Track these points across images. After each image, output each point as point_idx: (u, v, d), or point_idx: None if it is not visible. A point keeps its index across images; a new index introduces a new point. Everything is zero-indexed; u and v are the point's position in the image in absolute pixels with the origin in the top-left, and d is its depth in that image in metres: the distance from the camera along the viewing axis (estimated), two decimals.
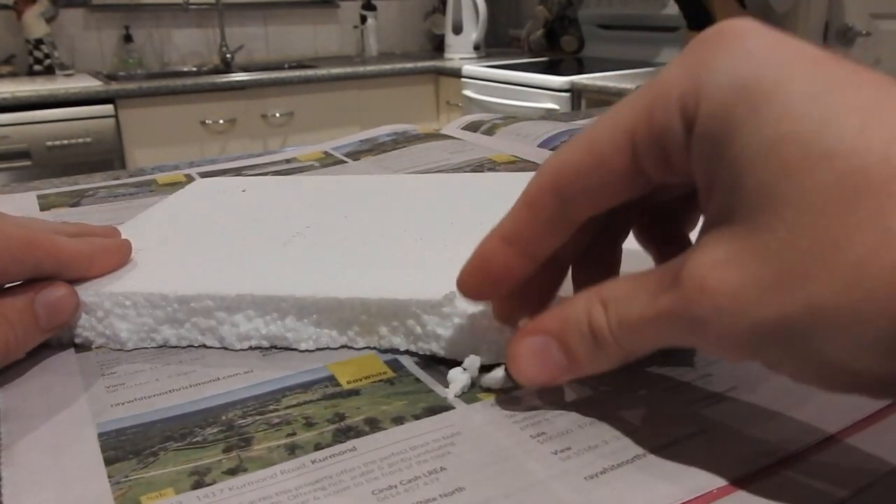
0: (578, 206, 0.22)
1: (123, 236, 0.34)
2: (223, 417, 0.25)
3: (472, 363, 0.26)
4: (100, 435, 0.24)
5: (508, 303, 0.26)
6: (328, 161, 0.61)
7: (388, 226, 0.36)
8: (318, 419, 0.24)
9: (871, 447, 0.22)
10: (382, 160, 0.60)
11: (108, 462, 0.22)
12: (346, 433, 0.24)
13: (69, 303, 0.29)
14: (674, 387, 0.26)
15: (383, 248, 0.33)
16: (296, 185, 0.47)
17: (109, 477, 0.22)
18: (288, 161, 0.62)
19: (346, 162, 0.61)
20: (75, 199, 0.52)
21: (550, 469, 0.22)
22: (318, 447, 0.23)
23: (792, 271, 0.17)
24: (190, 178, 0.57)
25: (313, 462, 0.22)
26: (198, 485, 0.21)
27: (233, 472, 0.22)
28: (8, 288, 0.28)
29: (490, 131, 0.68)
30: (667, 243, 0.26)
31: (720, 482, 0.21)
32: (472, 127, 0.71)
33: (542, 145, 0.62)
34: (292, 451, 0.23)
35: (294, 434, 0.24)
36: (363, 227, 0.36)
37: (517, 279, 0.24)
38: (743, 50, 0.19)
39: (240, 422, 0.24)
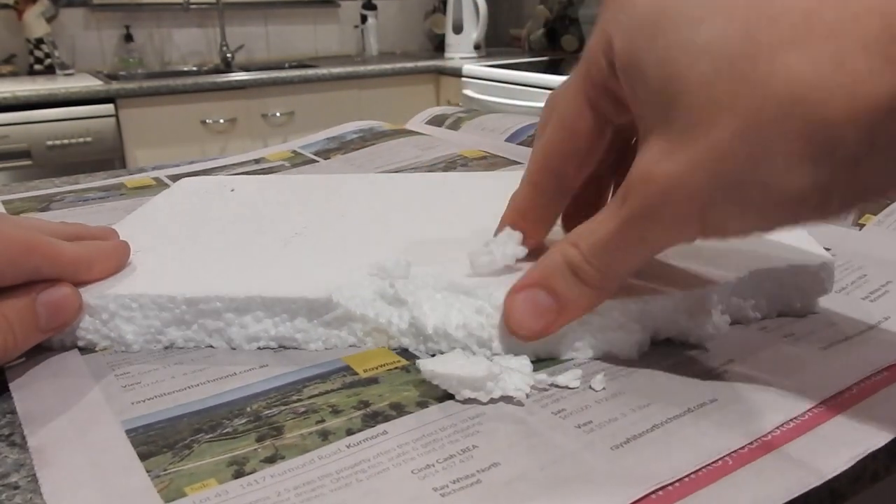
0: (570, 172, 0.27)
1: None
2: (248, 409, 0.25)
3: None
4: (127, 431, 0.24)
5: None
6: (298, 160, 0.61)
7: (387, 226, 0.36)
8: (344, 406, 0.25)
9: (866, 418, 0.24)
10: (353, 158, 0.61)
11: (143, 457, 0.22)
12: (374, 418, 0.24)
13: (71, 303, 0.29)
14: (678, 363, 0.27)
15: (385, 249, 0.33)
16: (283, 184, 0.47)
17: (148, 471, 0.22)
18: (257, 161, 0.61)
19: (316, 161, 0.61)
20: (44, 204, 0.51)
21: (577, 441, 0.23)
22: (349, 432, 0.24)
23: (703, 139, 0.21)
24: (159, 181, 0.56)
25: (348, 447, 0.23)
26: (238, 474, 0.22)
27: (271, 461, 0.22)
28: (9, 286, 0.28)
29: (455, 125, 0.70)
30: None
31: (735, 445, 0.22)
32: (437, 121, 0.72)
33: (509, 139, 0.64)
34: (325, 437, 0.23)
35: (323, 421, 0.24)
36: (361, 227, 0.36)
37: (535, 243, 0.30)
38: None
39: (266, 412, 0.25)
